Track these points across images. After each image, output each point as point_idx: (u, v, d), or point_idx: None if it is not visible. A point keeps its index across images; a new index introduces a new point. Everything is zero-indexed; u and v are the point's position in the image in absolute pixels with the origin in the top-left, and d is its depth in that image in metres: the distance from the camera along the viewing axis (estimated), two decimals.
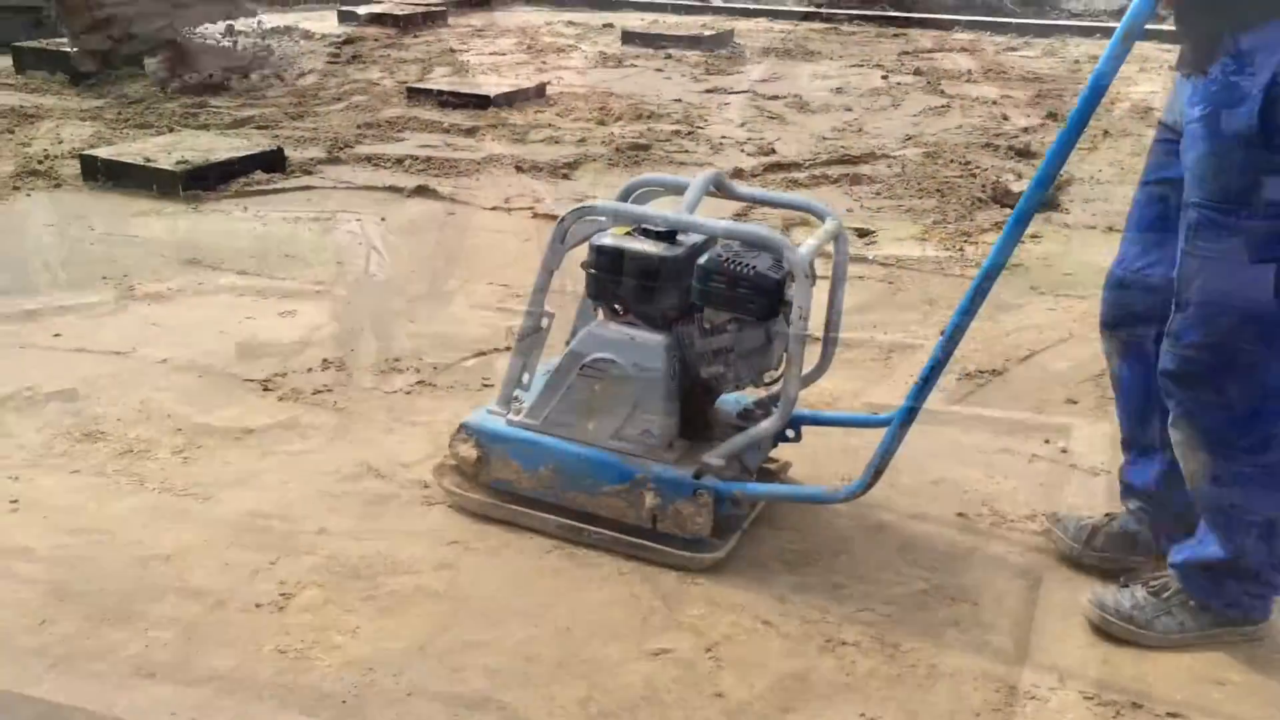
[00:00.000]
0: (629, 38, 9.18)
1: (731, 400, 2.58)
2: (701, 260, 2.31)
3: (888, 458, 2.19)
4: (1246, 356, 1.95)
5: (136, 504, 2.55)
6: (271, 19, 10.20)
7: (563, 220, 2.43)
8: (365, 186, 5.04)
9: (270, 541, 2.41)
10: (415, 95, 6.80)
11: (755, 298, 2.26)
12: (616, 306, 2.42)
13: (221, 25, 7.94)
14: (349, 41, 9.00)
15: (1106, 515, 2.41)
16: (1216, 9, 1.90)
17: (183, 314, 3.61)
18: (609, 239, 2.38)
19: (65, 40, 7.42)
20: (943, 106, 6.75)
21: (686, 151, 5.69)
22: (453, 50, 8.74)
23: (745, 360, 2.37)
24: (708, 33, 9.09)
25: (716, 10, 11.30)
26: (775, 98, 7.05)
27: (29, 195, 4.82)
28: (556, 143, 5.86)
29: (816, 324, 2.38)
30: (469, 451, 2.50)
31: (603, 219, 2.43)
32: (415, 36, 9.44)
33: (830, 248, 2.51)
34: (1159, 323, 2.07)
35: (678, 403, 2.41)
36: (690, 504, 2.32)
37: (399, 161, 5.42)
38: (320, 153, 5.55)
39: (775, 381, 2.46)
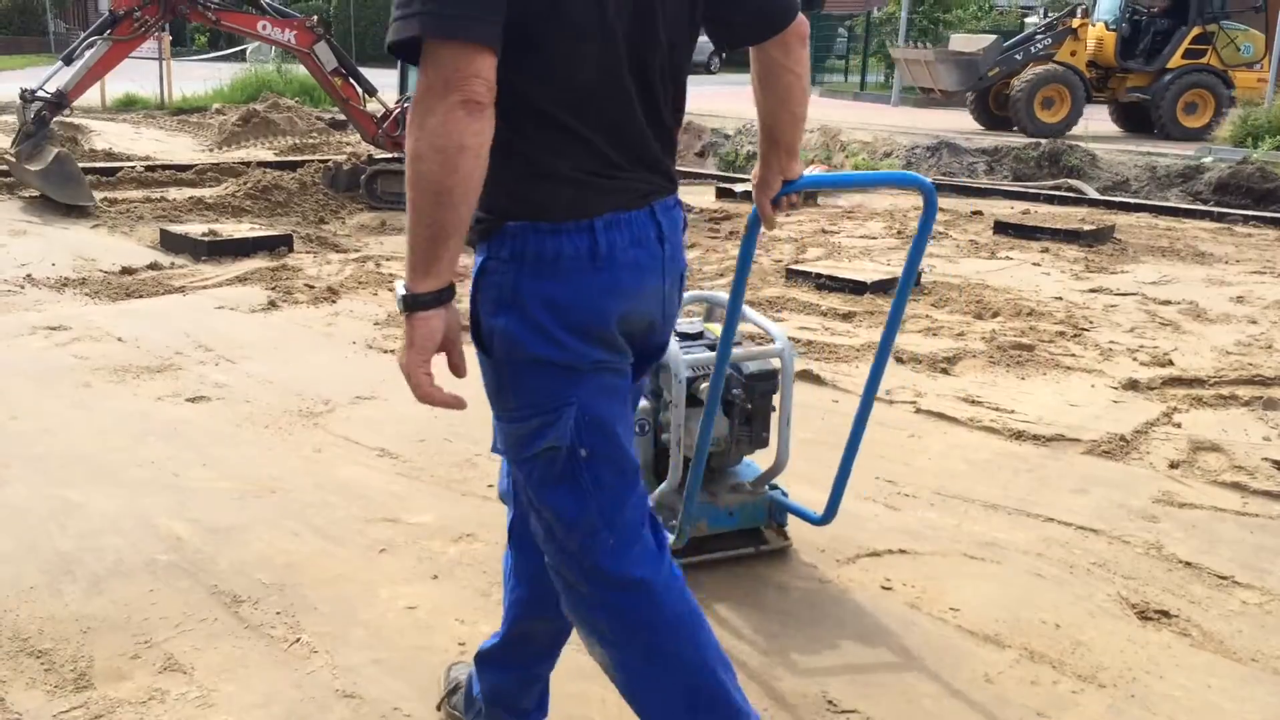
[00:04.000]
0: (1001, 228, 9.15)
1: (747, 471, 3.35)
2: None
3: (688, 524, 3.02)
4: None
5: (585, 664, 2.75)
6: None
7: None
8: None
9: None
10: (793, 276, 7.10)
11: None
12: None
13: None
14: (727, 217, 9.60)
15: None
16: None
17: None
18: None
19: None
20: None
21: (1074, 355, 5.52)
22: (824, 231, 9.08)
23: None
24: (1087, 227, 8.87)
25: (1093, 202, 11.05)
26: (1167, 302, 6.73)
27: None
28: (934, 335, 5.89)
29: None
30: None
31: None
32: (788, 215, 9.88)
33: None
34: None
35: (641, 454, 3.12)
36: None
37: None
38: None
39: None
